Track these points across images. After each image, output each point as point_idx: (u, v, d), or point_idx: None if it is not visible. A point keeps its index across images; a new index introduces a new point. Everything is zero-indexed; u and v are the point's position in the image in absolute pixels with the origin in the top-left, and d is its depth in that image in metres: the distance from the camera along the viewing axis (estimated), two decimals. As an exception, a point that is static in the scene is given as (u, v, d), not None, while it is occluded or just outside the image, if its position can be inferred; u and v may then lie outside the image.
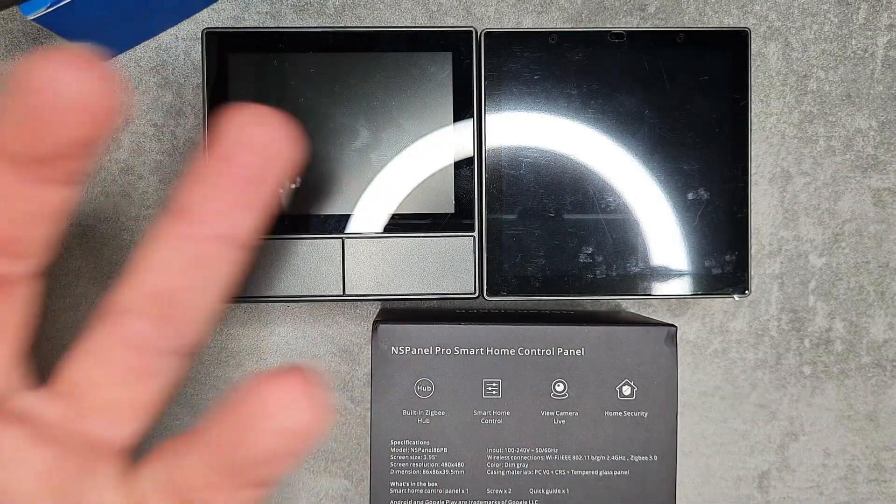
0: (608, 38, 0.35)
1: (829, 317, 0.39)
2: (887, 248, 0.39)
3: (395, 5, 0.38)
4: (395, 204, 0.35)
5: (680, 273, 0.35)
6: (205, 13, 0.38)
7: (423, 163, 0.35)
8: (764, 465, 0.40)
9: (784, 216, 0.39)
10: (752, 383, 0.39)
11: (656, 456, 0.33)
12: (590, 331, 0.32)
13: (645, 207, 0.35)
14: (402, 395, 0.32)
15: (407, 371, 0.32)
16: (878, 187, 0.39)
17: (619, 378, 0.32)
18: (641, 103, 0.35)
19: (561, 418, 0.32)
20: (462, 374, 0.32)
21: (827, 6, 0.39)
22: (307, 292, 0.35)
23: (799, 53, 0.39)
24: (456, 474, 0.32)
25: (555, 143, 0.35)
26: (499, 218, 0.35)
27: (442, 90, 0.35)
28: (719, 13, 0.38)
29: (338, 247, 0.35)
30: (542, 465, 0.32)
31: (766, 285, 0.39)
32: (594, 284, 0.35)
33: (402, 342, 0.32)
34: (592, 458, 0.32)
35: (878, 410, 0.40)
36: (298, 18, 0.38)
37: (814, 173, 0.39)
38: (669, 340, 0.32)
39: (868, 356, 0.39)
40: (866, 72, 0.39)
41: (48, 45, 0.38)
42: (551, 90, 0.35)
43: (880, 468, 0.40)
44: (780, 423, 0.39)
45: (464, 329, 0.32)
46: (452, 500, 0.32)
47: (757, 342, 0.39)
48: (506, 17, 0.38)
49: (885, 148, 0.39)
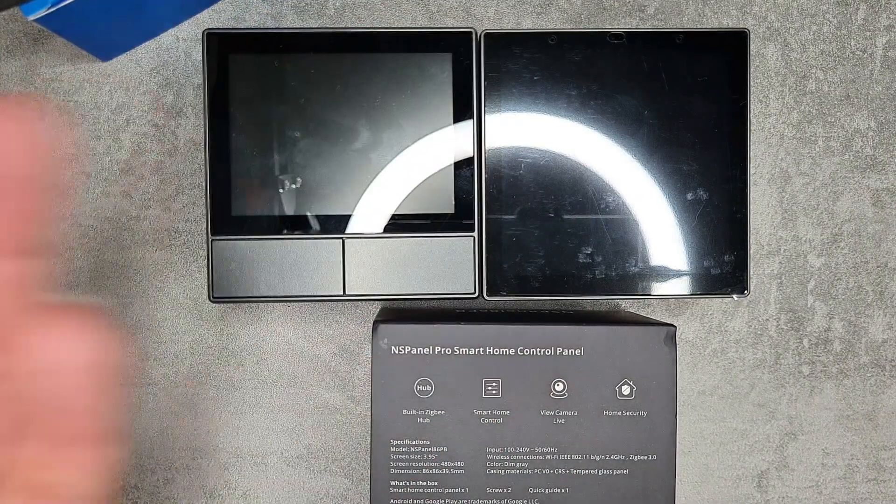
0: (608, 38, 0.35)
1: (827, 317, 0.39)
2: (886, 249, 0.39)
3: (395, 6, 0.38)
4: (396, 204, 0.35)
5: (679, 273, 0.35)
6: (205, 14, 0.38)
7: (423, 163, 0.35)
8: (763, 465, 0.40)
9: (783, 216, 0.39)
10: (750, 383, 0.39)
11: (655, 455, 0.33)
12: (589, 331, 0.32)
13: (644, 208, 0.35)
14: (403, 395, 0.32)
15: (407, 370, 0.32)
16: (877, 187, 0.39)
17: (619, 378, 0.33)
18: (641, 104, 0.35)
19: (560, 418, 0.32)
20: (462, 373, 0.32)
21: (826, 7, 0.39)
22: (307, 292, 0.35)
23: (798, 54, 0.39)
24: (456, 473, 0.32)
25: (554, 144, 0.35)
26: (498, 218, 0.35)
27: (442, 91, 0.35)
28: (718, 14, 0.39)
29: (338, 247, 0.35)
30: (541, 465, 0.32)
31: (765, 285, 0.39)
32: (593, 284, 0.35)
33: (402, 342, 0.32)
34: (592, 457, 0.33)
35: (877, 410, 0.40)
36: (299, 19, 0.38)
37: (812, 174, 0.39)
38: (669, 340, 0.33)
39: (867, 356, 0.39)
40: (865, 72, 0.39)
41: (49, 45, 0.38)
42: (551, 91, 0.35)
43: (879, 468, 0.40)
44: (779, 423, 0.40)
45: (464, 329, 0.32)
46: (452, 500, 0.32)
47: (756, 342, 0.39)
48: (505, 18, 0.38)
49: (883, 148, 0.39)
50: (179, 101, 0.38)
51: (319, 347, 0.39)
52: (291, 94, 0.35)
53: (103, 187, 0.38)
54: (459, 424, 0.32)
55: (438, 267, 0.35)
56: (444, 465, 0.32)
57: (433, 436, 0.32)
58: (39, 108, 0.17)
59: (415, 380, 0.32)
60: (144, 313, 0.38)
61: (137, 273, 0.38)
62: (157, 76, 0.38)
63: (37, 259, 0.17)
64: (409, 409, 0.32)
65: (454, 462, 0.32)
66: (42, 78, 0.38)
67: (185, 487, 0.39)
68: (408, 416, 0.32)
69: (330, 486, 0.39)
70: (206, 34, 0.34)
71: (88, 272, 0.38)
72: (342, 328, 0.39)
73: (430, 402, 0.32)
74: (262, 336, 0.39)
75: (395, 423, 0.32)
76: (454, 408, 0.32)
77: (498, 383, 0.32)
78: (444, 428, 0.32)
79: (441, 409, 0.32)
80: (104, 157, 0.38)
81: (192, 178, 0.38)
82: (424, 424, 0.32)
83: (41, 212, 0.16)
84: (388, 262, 0.35)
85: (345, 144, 0.35)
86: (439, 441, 0.32)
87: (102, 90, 0.38)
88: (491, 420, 0.32)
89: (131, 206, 0.38)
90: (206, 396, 0.39)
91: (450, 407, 0.32)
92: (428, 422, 0.32)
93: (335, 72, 0.35)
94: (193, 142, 0.38)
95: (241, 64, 0.35)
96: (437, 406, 0.32)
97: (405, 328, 0.32)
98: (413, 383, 0.32)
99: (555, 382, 0.32)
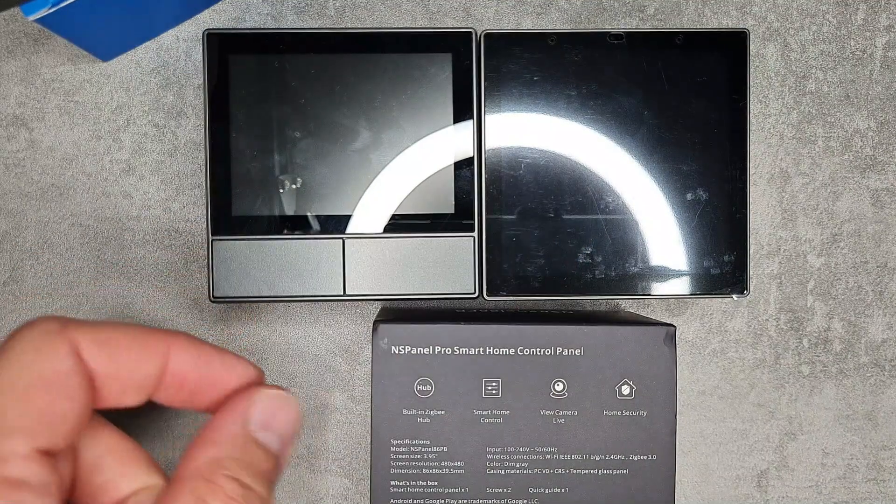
0: (607, 39, 0.35)
1: (827, 317, 0.39)
2: (885, 249, 0.39)
3: (396, 7, 0.38)
4: (396, 204, 0.35)
5: (679, 273, 0.35)
6: (206, 14, 0.38)
7: (423, 163, 0.35)
8: (763, 465, 0.40)
9: (783, 216, 0.39)
10: (750, 383, 0.39)
11: (655, 455, 0.33)
12: (589, 330, 0.33)
13: (644, 208, 0.35)
14: (403, 395, 0.32)
15: (407, 370, 0.32)
16: (877, 188, 0.39)
17: (619, 377, 0.33)
18: (640, 104, 0.35)
19: (560, 417, 0.33)
20: (462, 373, 0.32)
21: (826, 7, 0.39)
22: (307, 292, 0.35)
23: (797, 54, 0.39)
24: (456, 473, 0.32)
25: (554, 144, 0.35)
26: (498, 218, 0.35)
27: (442, 91, 0.35)
28: (718, 14, 0.39)
29: (338, 247, 0.35)
30: (541, 465, 0.33)
31: (765, 285, 0.39)
32: (593, 284, 0.35)
33: (402, 341, 0.32)
34: (592, 457, 0.33)
35: (877, 410, 0.40)
36: (299, 20, 0.38)
37: (812, 174, 0.39)
38: (668, 340, 0.33)
39: (866, 356, 0.39)
40: (865, 72, 0.39)
41: (50, 45, 0.38)
42: (551, 91, 0.35)
43: (879, 467, 0.40)
44: (779, 423, 0.40)
45: (464, 329, 0.32)
46: (452, 499, 0.32)
47: (755, 342, 0.39)
48: (505, 18, 0.38)
49: (883, 148, 0.39)
50: (180, 102, 0.38)
51: (319, 347, 0.39)
52: (291, 95, 0.35)
53: (103, 187, 0.38)
54: (459, 424, 0.32)
55: (438, 267, 0.35)
56: (444, 465, 0.32)
57: (433, 435, 0.32)
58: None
59: (415, 379, 0.32)
60: (144, 313, 0.38)
61: (137, 273, 0.38)
62: (157, 76, 0.38)
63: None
64: (409, 408, 0.32)
65: (454, 462, 0.32)
66: (42, 78, 0.38)
67: (185, 487, 0.39)
68: (408, 415, 0.32)
69: (330, 486, 0.39)
70: (206, 34, 0.34)
71: (88, 272, 0.38)
72: (342, 328, 0.39)
73: (430, 401, 0.32)
74: (262, 336, 0.39)
75: (395, 423, 0.32)
76: (454, 407, 0.32)
77: (498, 383, 0.32)
78: (444, 428, 0.32)
79: (441, 409, 0.32)
80: (104, 157, 0.38)
81: (192, 178, 0.38)
82: (424, 424, 0.32)
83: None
84: (388, 262, 0.35)
85: (345, 145, 0.35)
86: (439, 441, 0.32)
87: (102, 90, 0.38)
88: (491, 420, 0.32)
89: (131, 206, 0.38)
90: (207, 396, 0.39)
91: (450, 407, 0.32)
92: (428, 421, 0.32)
93: (335, 72, 0.35)
94: (193, 142, 0.38)
95: (241, 64, 0.35)
96: (437, 406, 0.32)
97: (405, 328, 0.32)
98: (413, 383, 0.32)
99: (555, 382, 0.33)
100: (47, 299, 0.38)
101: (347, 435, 0.39)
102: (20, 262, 0.38)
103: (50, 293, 0.38)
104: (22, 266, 0.38)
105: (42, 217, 0.38)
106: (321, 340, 0.39)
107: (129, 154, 0.38)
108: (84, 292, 0.38)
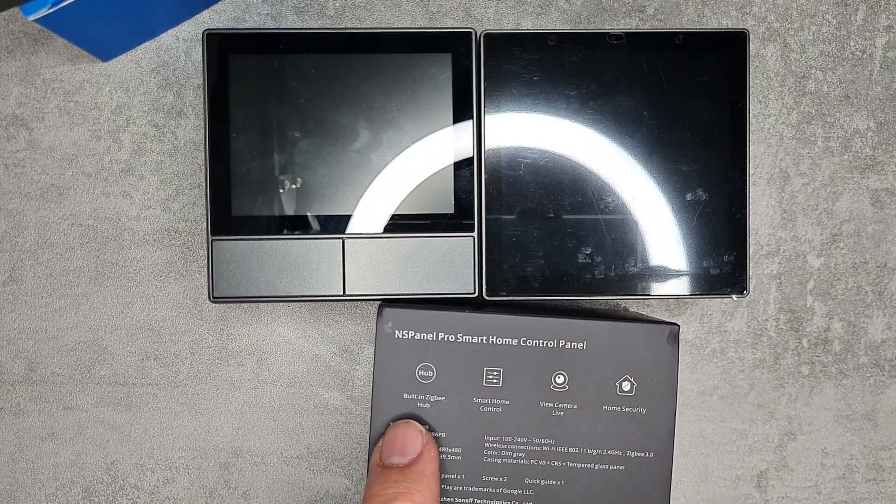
0: (607, 39, 0.35)
1: (827, 317, 0.39)
2: (885, 249, 0.39)
3: (395, 7, 0.38)
4: (395, 204, 0.35)
5: (678, 273, 0.35)
6: (205, 14, 0.38)
7: (422, 163, 0.35)
8: (762, 465, 0.40)
9: (782, 216, 0.39)
10: (750, 383, 0.40)
11: (652, 452, 0.33)
12: (593, 325, 0.33)
13: (643, 208, 0.35)
14: (404, 379, 0.32)
15: (410, 355, 0.32)
16: (877, 188, 0.39)
17: (620, 373, 0.33)
18: (640, 104, 0.35)
19: (560, 410, 0.33)
20: (464, 361, 0.32)
21: (825, 7, 0.39)
22: (307, 292, 0.35)
23: (797, 55, 0.39)
24: (453, 459, 0.33)
25: (554, 144, 0.35)
26: (498, 218, 0.35)
27: (442, 91, 0.35)
28: (718, 14, 0.39)
29: (338, 247, 0.35)
30: (538, 455, 0.33)
31: (765, 285, 0.39)
32: (593, 285, 0.35)
33: (406, 326, 0.32)
34: (589, 451, 0.33)
35: (877, 410, 0.40)
36: (299, 20, 0.38)
37: (812, 174, 0.39)
38: (672, 339, 0.33)
39: (866, 356, 0.40)
40: (864, 73, 0.39)
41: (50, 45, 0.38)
42: (550, 91, 0.35)
43: (878, 468, 0.40)
44: (779, 423, 0.40)
45: (468, 317, 0.32)
46: (448, 486, 0.33)
47: (755, 342, 0.39)
48: (505, 18, 0.38)
49: (883, 148, 0.39)
50: (180, 102, 0.38)
51: (319, 347, 0.39)
52: (291, 95, 0.35)
53: (103, 187, 0.38)
54: (459, 411, 0.32)
55: (438, 267, 0.35)
56: (442, 451, 0.33)
57: (432, 421, 0.32)
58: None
59: (417, 364, 0.32)
60: (144, 313, 0.38)
61: (137, 273, 0.38)
62: (157, 76, 0.38)
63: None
64: (410, 393, 0.32)
65: (452, 448, 0.33)
66: (42, 78, 0.38)
67: (185, 487, 0.39)
68: (408, 399, 0.32)
69: (330, 486, 0.39)
70: (206, 34, 0.34)
71: (88, 272, 0.38)
72: (342, 328, 0.39)
73: (430, 387, 0.32)
74: (262, 336, 0.39)
75: (394, 407, 0.32)
76: (454, 394, 0.32)
77: (499, 372, 0.33)
78: (443, 414, 0.32)
79: (441, 395, 0.32)
80: (104, 157, 0.38)
81: (192, 178, 0.38)
82: (424, 409, 0.32)
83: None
84: (388, 262, 0.35)
85: (345, 145, 0.35)
86: (438, 426, 0.33)
87: (102, 90, 0.38)
88: (490, 408, 0.32)
89: (131, 206, 0.38)
90: (206, 396, 0.39)
91: (450, 393, 0.32)
92: (428, 407, 0.32)
93: (335, 72, 0.35)
94: (193, 142, 0.38)
95: (241, 64, 0.35)
96: (437, 392, 0.32)
97: (410, 313, 0.32)
98: (415, 368, 0.32)
99: (556, 375, 0.33)
100: (47, 299, 0.38)
101: (347, 435, 0.39)
102: (20, 262, 0.38)
103: (50, 293, 0.38)
104: (22, 266, 0.38)
105: (42, 217, 0.38)
106: (321, 340, 0.39)
107: (128, 154, 0.38)
108: (84, 292, 0.38)
